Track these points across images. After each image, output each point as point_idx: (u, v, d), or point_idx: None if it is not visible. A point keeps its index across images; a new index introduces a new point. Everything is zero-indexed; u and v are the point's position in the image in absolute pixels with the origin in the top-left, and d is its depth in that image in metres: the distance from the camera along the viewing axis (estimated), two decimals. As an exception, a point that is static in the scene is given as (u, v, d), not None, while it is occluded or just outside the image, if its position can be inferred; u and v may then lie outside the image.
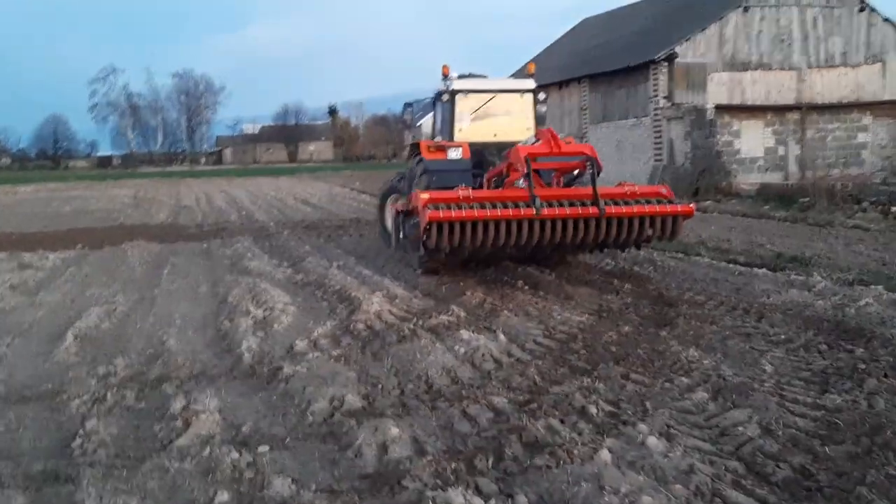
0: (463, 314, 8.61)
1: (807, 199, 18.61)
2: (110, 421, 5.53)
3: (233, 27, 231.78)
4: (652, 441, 4.61)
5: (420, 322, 8.29)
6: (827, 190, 18.29)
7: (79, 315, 9.26)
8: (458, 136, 11.99)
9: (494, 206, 9.42)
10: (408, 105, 14.35)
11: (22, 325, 8.88)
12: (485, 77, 12.68)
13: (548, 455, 4.48)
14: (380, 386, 6.26)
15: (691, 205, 10.94)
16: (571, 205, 9.58)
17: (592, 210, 9.49)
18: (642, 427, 4.89)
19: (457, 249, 9.74)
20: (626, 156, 26.53)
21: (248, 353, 7.38)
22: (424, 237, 9.63)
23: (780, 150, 25.37)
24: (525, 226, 9.43)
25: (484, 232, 9.41)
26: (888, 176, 24.54)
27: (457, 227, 9.36)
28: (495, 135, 12.17)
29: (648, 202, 10.06)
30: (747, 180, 23.83)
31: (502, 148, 11.57)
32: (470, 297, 9.54)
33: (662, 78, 24.61)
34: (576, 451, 4.47)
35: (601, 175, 10.46)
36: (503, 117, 12.44)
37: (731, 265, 11.31)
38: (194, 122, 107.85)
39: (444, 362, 6.68)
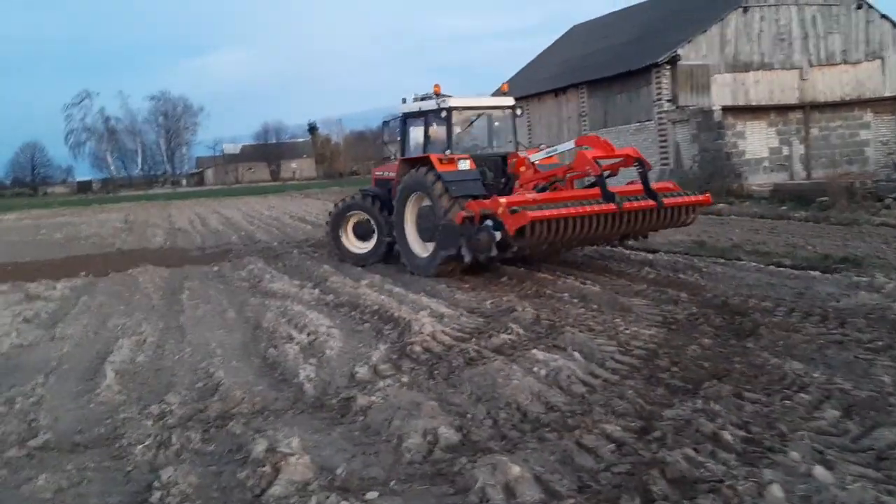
0: (522, 332, 8.14)
1: (825, 198, 18.30)
2: (185, 469, 4.95)
3: (202, 51, 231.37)
4: (819, 472, 4.11)
5: (481, 342, 7.79)
6: (846, 188, 17.98)
7: (108, 348, 8.68)
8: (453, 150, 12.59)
9: (575, 205, 10.56)
10: (386, 122, 14.98)
11: (49, 361, 8.26)
12: (450, 96, 13.16)
13: (710, 494, 3.98)
14: (468, 416, 5.73)
15: (707, 194, 12.16)
16: (638, 199, 10.93)
17: (651, 203, 10.87)
18: (794, 455, 4.40)
19: (549, 244, 11.15)
20: (629, 161, 26.20)
21: (309, 382, 6.84)
22: (514, 237, 10.45)
23: (785, 150, 25.15)
24: (607, 219, 10.62)
25: (574, 227, 10.43)
26: (891, 172, 24.37)
27: (550, 225, 10.30)
28: (482, 147, 13.47)
29: (673, 195, 11.49)
30: (754, 181, 23.57)
31: (487, 159, 13.00)
32: (521, 314, 9.03)
33: (665, 81, 24.34)
34: (740, 488, 3.97)
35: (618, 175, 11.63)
36: (489, 131, 13.76)
37: (780, 269, 10.89)
38: (174, 144, 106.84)
39: (528, 386, 6.14)
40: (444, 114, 12.70)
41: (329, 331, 8.76)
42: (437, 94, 13.00)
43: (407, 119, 13.76)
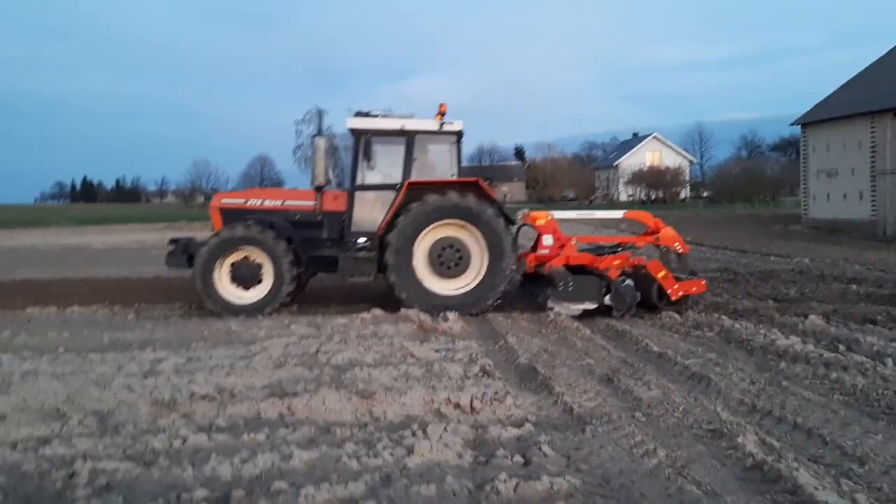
0: None
1: None
2: None
3: (415, 74, 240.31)
4: None
5: None
6: None
7: (599, 451, 5.38)
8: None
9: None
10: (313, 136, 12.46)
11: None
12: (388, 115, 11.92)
13: None
14: None
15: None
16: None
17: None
18: None
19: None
20: None
21: None
22: (674, 300, 11.19)
23: None
24: None
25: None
26: None
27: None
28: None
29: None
30: None
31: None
32: None
33: None
34: None
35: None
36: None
37: None
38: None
39: None
40: (454, 138, 11.76)
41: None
42: (443, 113, 11.63)
43: (363, 137, 11.59)
